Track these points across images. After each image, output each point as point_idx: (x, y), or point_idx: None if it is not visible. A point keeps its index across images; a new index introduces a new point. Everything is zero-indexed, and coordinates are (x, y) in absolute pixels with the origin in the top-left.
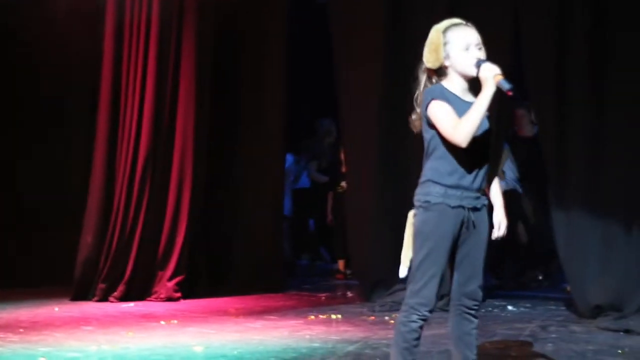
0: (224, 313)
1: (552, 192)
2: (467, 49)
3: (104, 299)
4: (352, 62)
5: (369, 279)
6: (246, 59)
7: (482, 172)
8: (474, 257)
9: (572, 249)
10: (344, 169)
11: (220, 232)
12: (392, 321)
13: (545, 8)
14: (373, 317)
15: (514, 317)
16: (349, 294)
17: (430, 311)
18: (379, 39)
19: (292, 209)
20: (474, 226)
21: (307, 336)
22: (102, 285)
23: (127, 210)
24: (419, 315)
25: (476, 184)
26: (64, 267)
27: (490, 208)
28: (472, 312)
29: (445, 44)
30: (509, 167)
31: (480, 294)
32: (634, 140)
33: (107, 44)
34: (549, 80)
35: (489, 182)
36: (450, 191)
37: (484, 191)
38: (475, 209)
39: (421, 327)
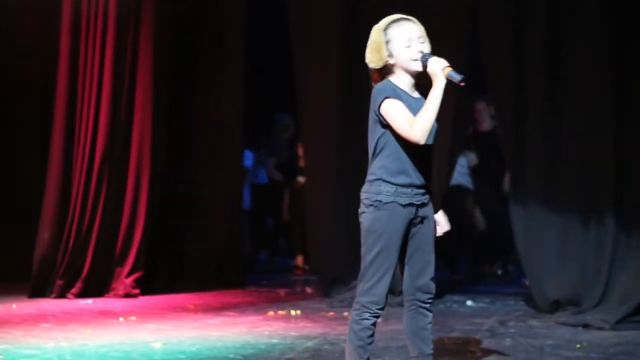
0: (182, 309)
1: (510, 187)
2: (409, 44)
3: (61, 295)
4: (310, 60)
5: (328, 275)
6: (204, 54)
7: (429, 168)
8: (423, 251)
9: (530, 243)
10: (301, 164)
11: (178, 228)
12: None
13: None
14: (332, 313)
15: (473, 313)
16: (308, 290)
17: (382, 308)
18: (336, 38)
19: (251, 204)
20: (422, 221)
21: (266, 332)
22: (59, 282)
23: (85, 206)
24: (371, 313)
25: (423, 181)
26: (21, 264)
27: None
28: (427, 305)
29: (387, 42)
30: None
31: (433, 287)
32: (591, 136)
33: (63, 40)
34: (507, 74)
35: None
36: (401, 189)
37: (429, 188)
38: (423, 204)
39: (374, 324)
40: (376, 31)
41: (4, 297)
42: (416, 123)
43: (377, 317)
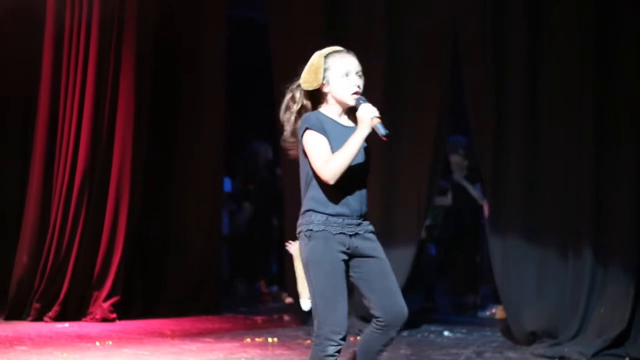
0: (159, 334)
1: (488, 218)
2: (347, 75)
3: (38, 318)
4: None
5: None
6: (185, 76)
7: (362, 198)
8: (384, 279)
9: (507, 274)
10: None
11: (156, 253)
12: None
13: (482, 25)
14: (309, 341)
15: (450, 343)
16: (286, 317)
17: (344, 338)
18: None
19: (229, 230)
20: (366, 252)
21: (243, 359)
22: (36, 305)
23: (63, 229)
24: (333, 345)
25: (356, 211)
26: None
27: None
28: (391, 334)
29: (325, 69)
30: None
31: (403, 318)
32: (569, 166)
33: (45, 56)
34: (487, 104)
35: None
36: (332, 219)
37: (365, 216)
38: (357, 235)
39: (337, 356)
40: (317, 56)
41: None
42: (330, 162)
43: (340, 347)
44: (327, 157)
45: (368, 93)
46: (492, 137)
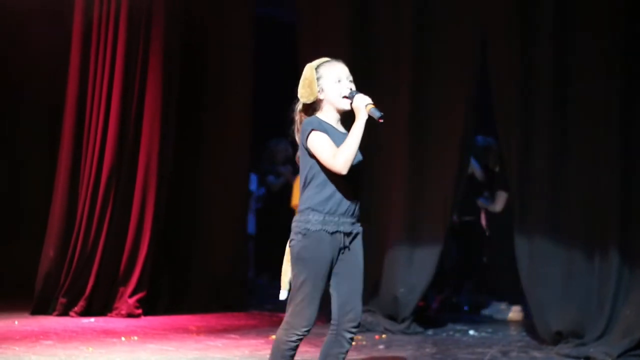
0: (184, 330)
1: (515, 219)
2: (338, 80)
3: (64, 313)
4: None
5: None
6: (212, 74)
7: (357, 199)
8: (351, 281)
9: (534, 275)
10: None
11: (182, 249)
12: (354, 343)
13: (511, 33)
14: None
15: (475, 342)
16: None
17: (308, 331)
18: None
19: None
20: (350, 250)
21: (268, 355)
22: (62, 300)
23: (90, 225)
24: (298, 335)
25: (351, 211)
26: (25, 280)
27: None
28: (348, 336)
29: (318, 78)
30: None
31: (358, 317)
32: (596, 169)
33: (73, 52)
34: (514, 107)
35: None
36: (329, 217)
37: (359, 218)
38: (350, 234)
39: (297, 345)
40: (309, 68)
41: (6, 314)
42: (338, 154)
43: (302, 338)
44: (334, 151)
45: (395, 92)
46: (519, 139)
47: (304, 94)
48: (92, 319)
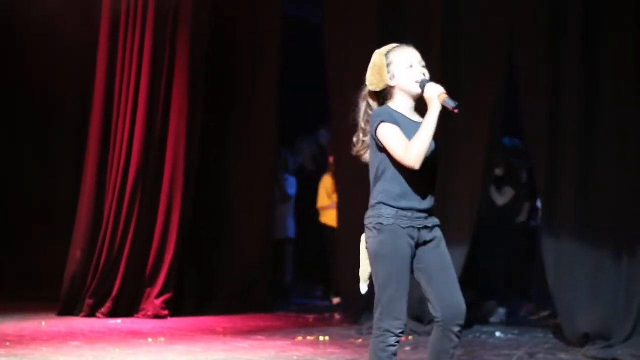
0: (211, 332)
1: (543, 221)
2: (411, 66)
3: (91, 314)
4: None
5: (357, 302)
6: (240, 74)
7: (431, 192)
8: (443, 274)
9: (561, 276)
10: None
11: (208, 251)
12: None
13: (539, 37)
14: (361, 340)
15: (502, 344)
16: (337, 317)
17: (403, 332)
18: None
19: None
20: (426, 244)
21: (295, 357)
22: (89, 301)
23: (117, 226)
24: (394, 336)
25: (425, 205)
26: (51, 281)
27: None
28: (455, 330)
29: (389, 64)
30: None
31: (463, 309)
32: (623, 172)
33: (100, 50)
34: (542, 111)
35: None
36: (402, 212)
37: (434, 211)
38: (426, 228)
39: (396, 350)
40: (378, 55)
41: (33, 315)
42: (410, 148)
43: (399, 339)
44: (406, 145)
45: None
46: (545, 140)
47: (373, 82)
48: (119, 320)
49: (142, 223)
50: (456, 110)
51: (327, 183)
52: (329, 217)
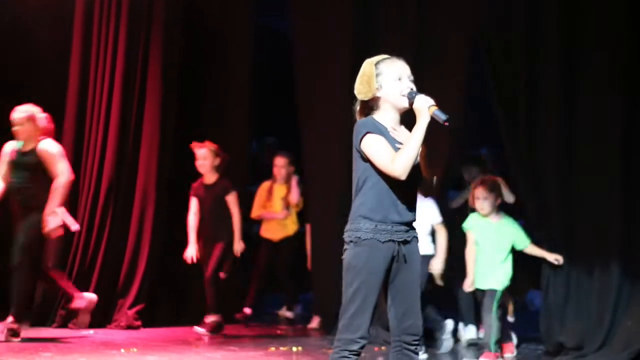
0: (184, 342)
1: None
2: (399, 79)
3: (63, 325)
4: (316, 101)
5: (330, 312)
6: (213, 81)
7: (411, 205)
8: (409, 291)
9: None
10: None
11: (181, 262)
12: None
13: (511, 39)
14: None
15: (478, 353)
16: (310, 327)
17: (362, 347)
18: (344, 71)
19: None
20: (405, 260)
21: None
22: (62, 312)
23: (89, 237)
24: (350, 351)
25: (405, 218)
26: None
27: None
28: (412, 347)
29: (377, 75)
30: None
31: (420, 328)
32: (596, 184)
33: (72, 67)
34: (518, 131)
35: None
36: (380, 226)
37: (413, 225)
38: (405, 242)
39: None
40: (368, 64)
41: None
42: (397, 158)
43: (357, 355)
44: (392, 155)
45: None
46: (523, 154)
47: (361, 90)
48: (92, 331)
49: (115, 234)
50: (447, 123)
51: (263, 191)
52: (267, 229)
